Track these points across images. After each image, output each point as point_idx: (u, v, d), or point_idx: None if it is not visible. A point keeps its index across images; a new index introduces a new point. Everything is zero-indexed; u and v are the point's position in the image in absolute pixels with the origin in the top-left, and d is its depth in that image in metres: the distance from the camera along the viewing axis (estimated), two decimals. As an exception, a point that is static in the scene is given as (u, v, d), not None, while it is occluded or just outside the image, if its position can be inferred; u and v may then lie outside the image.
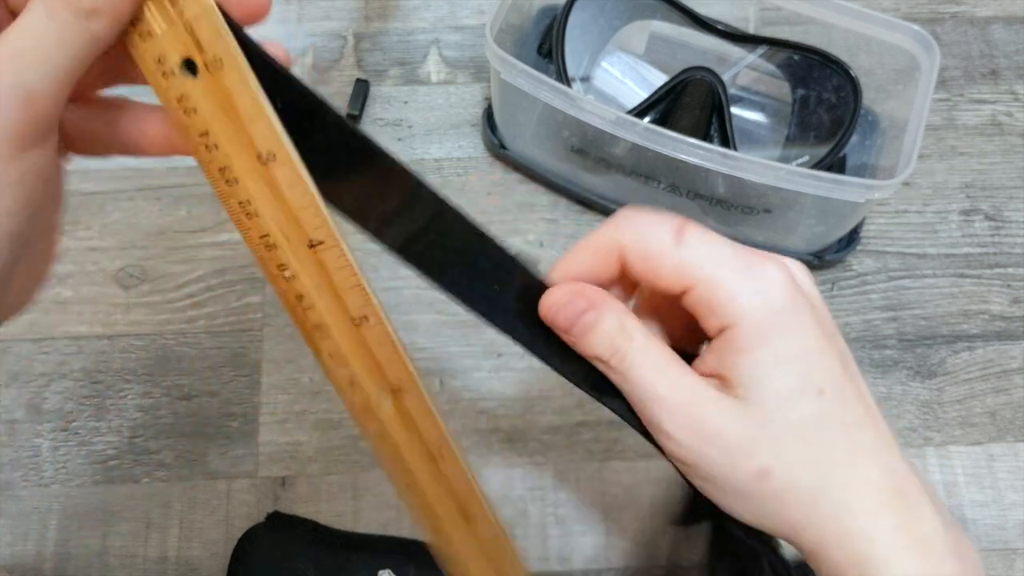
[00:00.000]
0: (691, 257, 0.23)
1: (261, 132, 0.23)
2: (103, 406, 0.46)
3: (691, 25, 0.49)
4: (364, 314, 0.26)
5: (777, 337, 0.23)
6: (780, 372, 0.23)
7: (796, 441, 0.23)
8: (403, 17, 0.56)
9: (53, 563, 0.43)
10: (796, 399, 0.23)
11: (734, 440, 0.23)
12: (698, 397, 0.23)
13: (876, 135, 0.49)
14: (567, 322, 0.25)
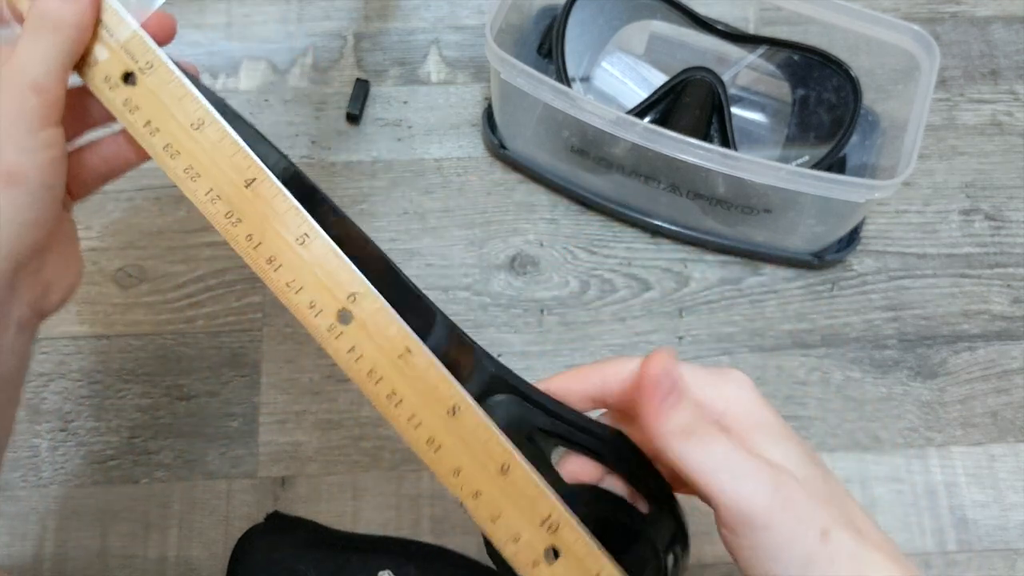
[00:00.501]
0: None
1: (189, 107, 0.29)
2: (102, 406, 0.46)
3: (691, 25, 0.49)
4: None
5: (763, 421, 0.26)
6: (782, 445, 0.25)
7: (829, 504, 0.25)
8: (403, 17, 0.56)
9: (52, 563, 0.43)
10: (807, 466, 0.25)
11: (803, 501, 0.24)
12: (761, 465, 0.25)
13: (876, 135, 0.49)
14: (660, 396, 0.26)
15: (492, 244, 0.50)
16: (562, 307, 0.48)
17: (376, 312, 0.28)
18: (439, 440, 0.28)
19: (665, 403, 0.26)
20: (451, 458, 0.27)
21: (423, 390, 0.28)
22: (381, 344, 0.28)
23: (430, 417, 0.28)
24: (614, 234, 0.50)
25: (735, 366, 0.46)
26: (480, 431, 0.27)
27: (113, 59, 0.29)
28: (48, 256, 0.29)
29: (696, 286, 0.49)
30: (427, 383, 0.28)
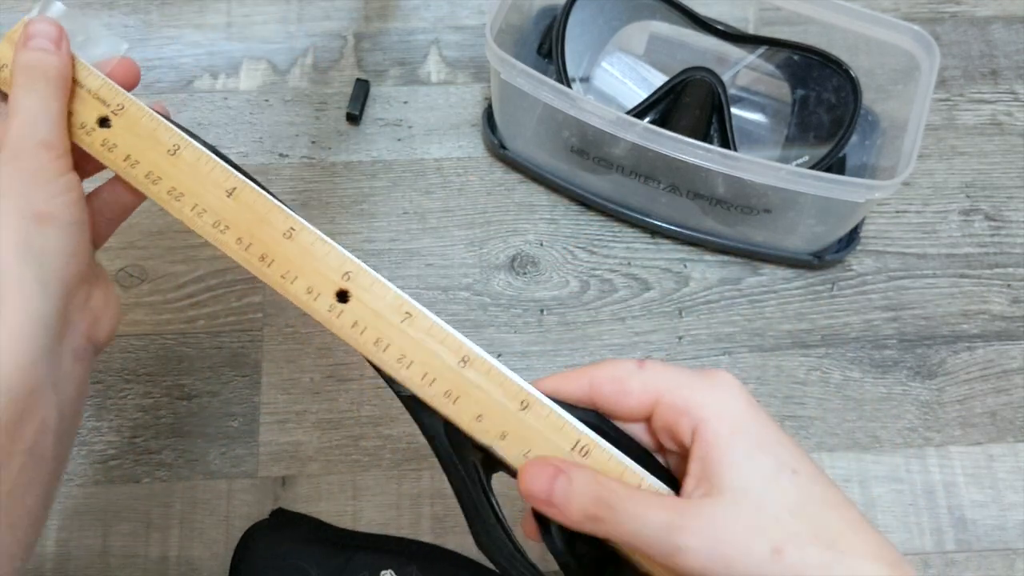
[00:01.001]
0: (654, 374, 0.27)
1: (163, 136, 0.31)
2: (104, 406, 0.46)
3: (691, 25, 0.49)
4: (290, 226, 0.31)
5: (745, 427, 0.25)
6: (757, 458, 0.25)
7: (793, 518, 0.24)
8: (403, 17, 0.56)
9: (54, 563, 0.43)
10: (777, 480, 0.24)
11: (740, 529, 0.24)
12: (695, 506, 0.25)
13: (876, 135, 0.49)
14: (544, 490, 0.26)
15: (492, 244, 0.50)
16: (562, 307, 0.48)
17: (371, 285, 0.29)
18: (456, 391, 0.28)
19: (555, 510, 0.26)
20: (471, 406, 0.28)
21: (431, 349, 0.29)
22: (382, 313, 0.29)
23: (443, 371, 0.28)
24: (614, 234, 0.50)
25: (735, 366, 0.47)
26: (493, 375, 0.28)
27: (86, 107, 0.31)
28: (92, 289, 0.31)
29: (696, 286, 0.49)
30: (434, 340, 0.29)
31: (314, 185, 0.51)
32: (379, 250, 0.49)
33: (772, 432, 0.26)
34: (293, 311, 0.48)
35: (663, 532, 0.24)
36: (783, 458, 0.25)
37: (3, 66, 0.32)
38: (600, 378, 0.28)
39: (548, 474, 0.26)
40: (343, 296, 0.30)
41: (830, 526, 0.24)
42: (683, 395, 0.26)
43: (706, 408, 0.26)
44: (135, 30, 0.55)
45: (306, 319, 0.48)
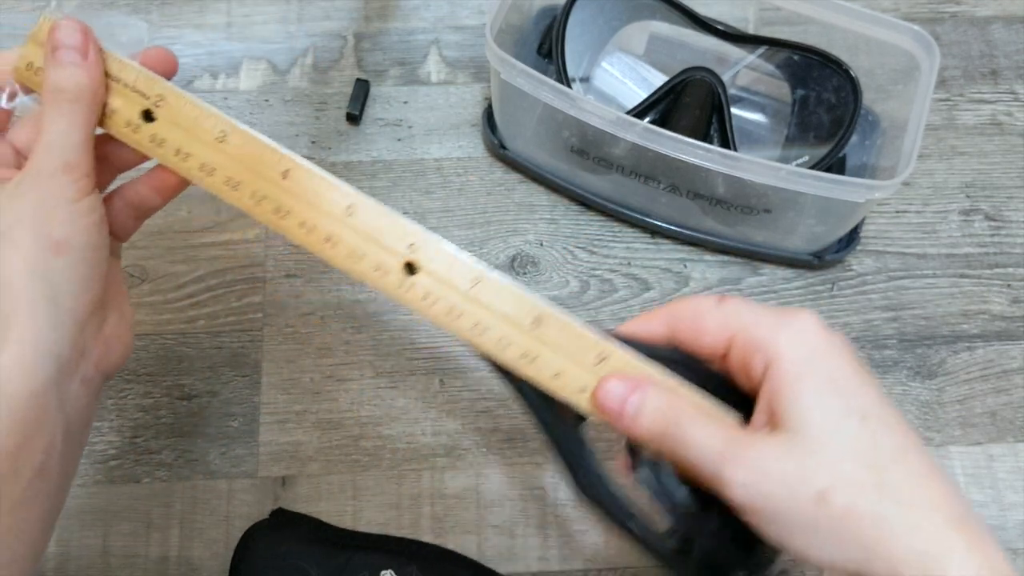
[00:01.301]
0: (732, 311, 0.27)
1: (208, 124, 0.30)
2: (104, 406, 0.46)
3: (691, 25, 0.49)
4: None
5: (817, 368, 0.25)
6: (824, 400, 0.24)
7: (850, 464, 0.24)
8: (403, 17, 0.56)
9: (54, 563, 0.43)
10: (843, 424, 0.24)
11: (790, 469, 0.24)
12: (750, 439, 0.25)
13: (876, 135, 0.49)
14: (618, 402, 0.27)
15: (492, 244, 0.50)
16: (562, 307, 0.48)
17: (438, 255, 0.29)
18: (532, 352, 0.29)
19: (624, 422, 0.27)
20: (547, 366, 0.29)
21: (503, 312, 0.29)
22: (451, 282, 0.29)
23: (517, 335, 0.29)
24: (614, 234, 0.50)
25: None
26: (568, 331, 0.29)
27: (128, 103, 0.30)
28: (107, 313, 0.31)
29: (696, 286, 0.49)
30: (505, 303, 0.29)
31: (314, 185, 0.51)
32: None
33: (849, 375, 0.25)
34: (293, 311, 0.48)
35: (714, 460, 0.24)
36: (855, 403, 0.24)
37: (30, 64, 0.31)
38: (679, 316, 0.28)
39: (626, 387, 0.27)
40: (411, 268, 0.30)
41: (891, 475, 0.23)
42: (759, 333, 0.26)
43: (780, 346, 0.25)
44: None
45: (306, 319, 0.48)
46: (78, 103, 0.29)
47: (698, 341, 0.27)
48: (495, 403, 0.46)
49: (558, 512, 0.44)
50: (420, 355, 0.47)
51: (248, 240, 0.49)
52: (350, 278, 0.30)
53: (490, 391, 0.46)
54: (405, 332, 0.48)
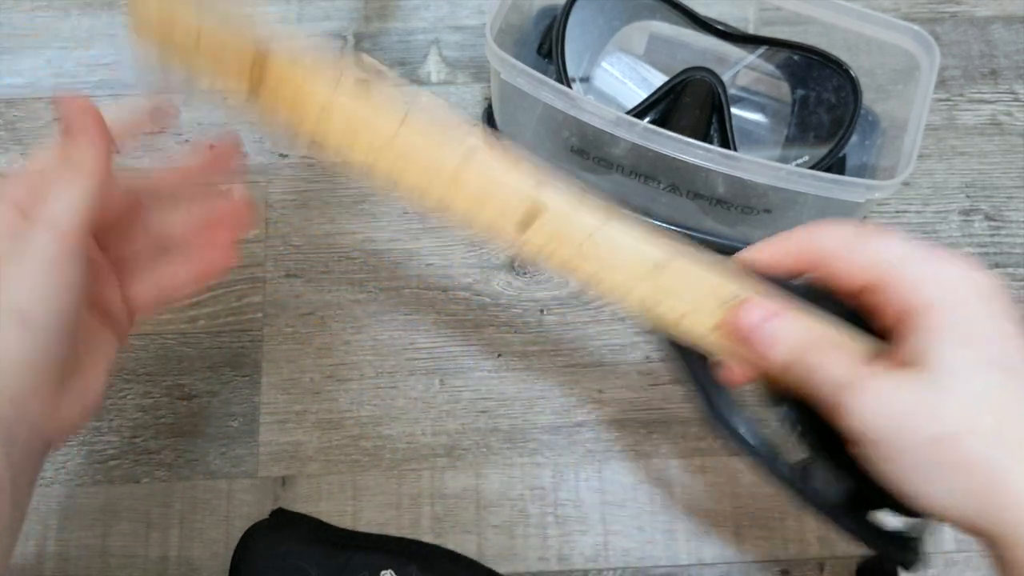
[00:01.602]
0: (881, 247, 0.26)
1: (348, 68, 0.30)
2: (103, 406, 0.46)
3: (691, 25, 0.49)
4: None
5: (969, 316, 0.24)
6: (968, 346, 0.23)
7: (979, 411, 0.23)
8: (403, 17, 0.56)
9: (53, 563, 0.43)
10: (978, 371, 0.23)
11: (918, 406, 0.23)
12: (879, 371, 0.24)
13: (876, 135, 0.49)
14: (758, 324, 0.27)
15: (492, 244, 0.50)
16: (562, 307, 0.48)
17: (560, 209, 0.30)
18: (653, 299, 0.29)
19: (760, 348, 0.26)
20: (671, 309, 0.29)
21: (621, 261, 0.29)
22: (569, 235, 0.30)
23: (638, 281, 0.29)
24: (614, 234, 0.50)
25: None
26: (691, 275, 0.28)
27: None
28: (67, 385, 0.29)
29: (696, 286, 0.49)
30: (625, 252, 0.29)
31: (314, 185, 0.51)
32: (379, 250, 0.49)
33: (999, 323, 0.24)
34: (293, 311, 0.48)
35: (839, 387, 0.24)
36: (998, 355, 0.24)
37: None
38: (817, 247, 0.27)
39: (762, 314, 0.26)
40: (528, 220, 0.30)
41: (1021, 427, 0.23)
42: (910, 273, 0.25)
43: (930, 290, 0.24)
44: (135, 30, 0.55)
45: (306, 319, 0.48)
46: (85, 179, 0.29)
47: (837, 276, 0.27)
48: (495, 403, 0.46)
49: (558, 512, 0.44)
50: (420, 355, 0.47)
51: (248, 240, 0.49)
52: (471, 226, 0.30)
53: (490, 391, 0.46)
54: (405, 332, 0.47)
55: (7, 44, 0.55)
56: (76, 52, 0.55)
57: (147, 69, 0.31)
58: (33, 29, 0.55)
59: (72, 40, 0.55)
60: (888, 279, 0.25)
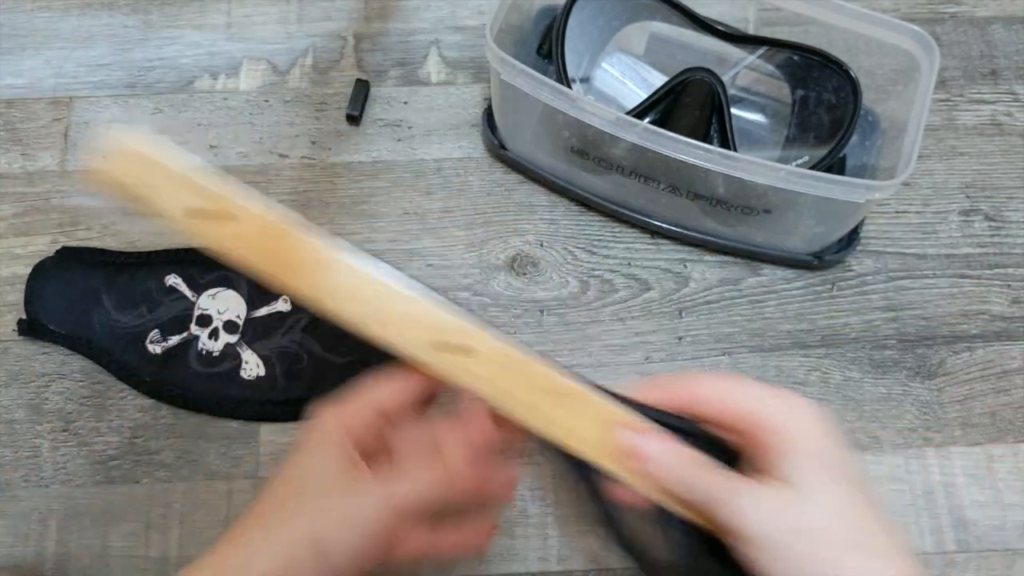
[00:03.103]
0: (741, 393, 0.31)
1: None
2: (103, 406, 0.46)
3: (691, 26, 0.49)
4: None
5: (817, 445, 0.30)
6: (825, 471, 0.29)
7: (852, 526, 0.28)
8: (403, 17, 0.56)
9: (53, 564, 0.43)
10: (841, 488, 0.29)
11: (789, 510, 0.28)
12: (756, 485, 0.29)
13: (876, 135, 0.49)
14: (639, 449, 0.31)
15: (492, 244, 0.50)
16: (562, 307, 0.48)
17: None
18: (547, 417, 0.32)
19: (646, 451, 0.31)
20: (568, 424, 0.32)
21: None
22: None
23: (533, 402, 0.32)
24: (614, 234, 0.50)
25: (735, 366, 0.47)
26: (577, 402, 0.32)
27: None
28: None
29: (696, 286, 0.49)
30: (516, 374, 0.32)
31: (314, 186, 0.51)
32: (379, 250, 0.49)
33: (839, 453, 0.30)
34: (293, 311, 0.48)
35: (719, 493, 0.29)
36: (844, 474, 0.29)
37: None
38: (698, 392, 0.32)
39: (647, 436, 0.31)
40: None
41: (878, 538, 0.28)
42: (766, 412, 0.30)
43: (786, 423, 0.30)
44: (135, 30, 0.55)
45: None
46: (451, 487, 0.32)
47: (701, 409, 0.32)
48: (495, 403, 0.46)
49: (558, 512, 0.44)
50: (420, 355, 0.47)
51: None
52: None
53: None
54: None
55: (7, 44, 0.55)
56: (76, 52, 0.55)
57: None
58: (33, 29, 0.55)
59: (72, 40, 0.55)
60: (746, 414, 0.30)
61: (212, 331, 0.45)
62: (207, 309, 0.45)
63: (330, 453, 0.31)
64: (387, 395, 0.33)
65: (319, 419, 0.32)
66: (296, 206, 0.51)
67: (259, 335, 0.45)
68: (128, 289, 0.46)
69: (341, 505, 0.30)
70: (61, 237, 0.49)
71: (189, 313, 0.45)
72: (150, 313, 0.45)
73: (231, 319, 0.45)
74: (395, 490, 0.31)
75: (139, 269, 0.47)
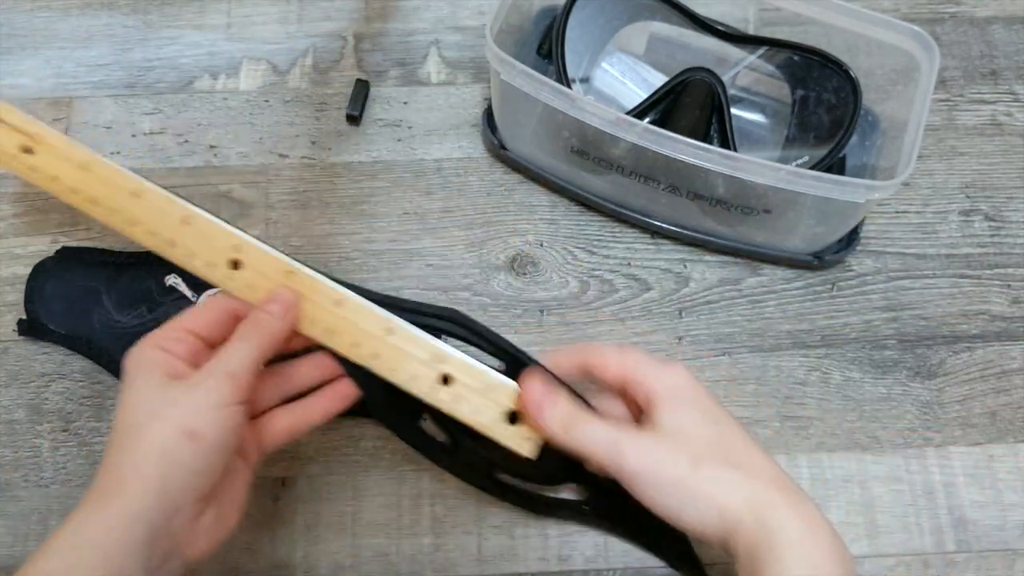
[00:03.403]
0: (630, 360, 0.37)
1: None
2: (103, 406, 0.46)
3: (691, 26, 0.49)
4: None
5: (684, 396, 0.36)
6: (689, 413, 0.36)
7: (710, 447, 0.34)
8: (403, 18, 0.56)
9: (53, 563, 0.43)
10: (700, 424, 0.35)
11: (670, 447, 0.34)
12: (638, 431, 0.36)
13: (876, 135, 0.49)
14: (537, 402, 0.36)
15: (492, 244, 0.50)
16: (562, 307, 0.48)
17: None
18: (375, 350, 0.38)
19: (542, 414, 0.36)
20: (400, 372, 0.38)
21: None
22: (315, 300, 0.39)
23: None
24: (614, 234, 0.50)
25: (735, 366, 0.47)
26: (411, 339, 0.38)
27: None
28: (208, 507, 0.34)
29: (696, 286, 0.49)
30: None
31: (314, 186, 0.51)
32: (379, 250, 0.49)
33: (704, 399, 0.36)
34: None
35: (613, 442, 0.34)
36: (709, 413, 0.36)
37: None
38: (590, 356, 0.38)
39: (543, 391, 0.36)
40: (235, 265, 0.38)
41: (736, 455, 0.34)
42: (647, 375, 0.36)
43: (660, 385, 0.36)
44: (135, 30, 0.55)
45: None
46: (264, 340, 0.36)
47: (601, 375, 0.38)
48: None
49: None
50: (420, 355, 0.47)
51: (248, 240, 0.49)
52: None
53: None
54: (405, 332, 0.47)
55: (7, 44, 0.55)
56: (76, 52, 0.55)
57: None
58: (33, 29, 0.55)
59: (72, 40, 0.55)
60: (635, 380, 0.37)
61: (212, 331, 0.45)
62: (207, 309, 0.45)
63: (155, 371, 0.34)
64: (197, 319, 0.37)
65: (138, 348, 0.35)
66: (296, 206, 0.51)
67: (259, 335, 0.45)
68: (128, 289, 0.46)
69: (188, 396, 0.33)
70: (61, 237, 0.49)
71: (189, 313, 0.45)
72: (150, 313, 0.45)
73: (231, 319, 0.45)
74: (223, 360, 0.35)
75: (139, 269, 0.46)
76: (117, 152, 0.52)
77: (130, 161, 0.52)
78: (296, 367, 0.39)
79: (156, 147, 0.52)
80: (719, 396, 0.39)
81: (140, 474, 0.32)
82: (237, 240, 0.38)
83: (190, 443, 0.32)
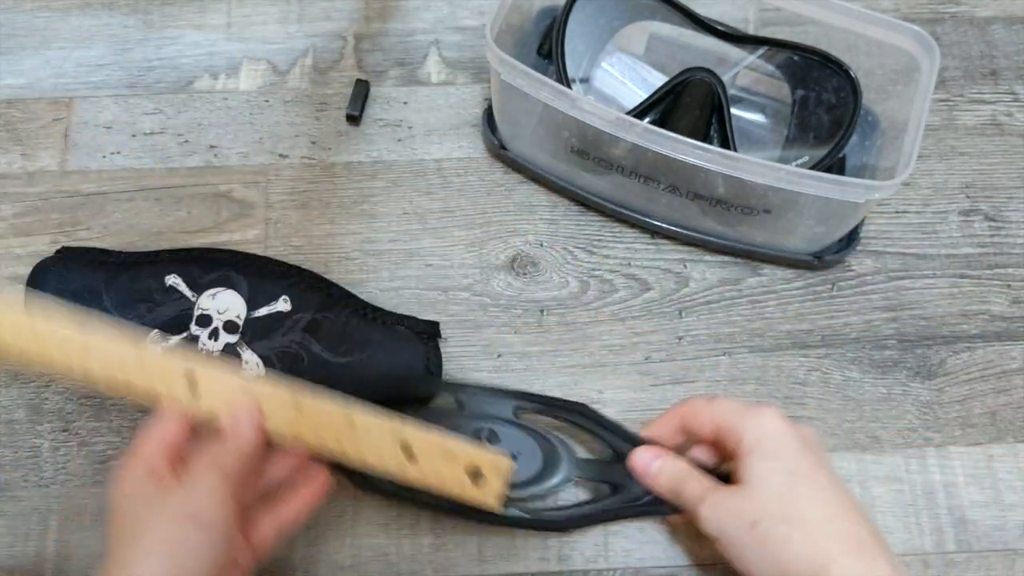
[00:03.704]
0: (717, 408, 0.39)
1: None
2: (103, 406, 0.46)
3: (691, 26, 0.49)
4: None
5: (765, 448, 0.37)
6: (766, 464, 0.36)
7: (773, 504, 0.35)
8: (403, 18, 0.56)
9: (53, 564, 0.43)
10: (774, 479, 0.36)
11: (737, 506, 0.36)
12: (718, 493, 0.37)
13: (876, 135, 0.49)
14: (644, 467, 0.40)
15: (492, 244, 0.50)
16: (562, 307, 0.48)
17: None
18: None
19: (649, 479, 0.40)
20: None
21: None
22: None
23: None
24: (614, 234, 0.50)
25: (734, 366, 0.47)
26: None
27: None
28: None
29: (696, 286, 0.49)
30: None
31: (314, 186, 0.51)
32: (379, 251, 0.50)
33: (792, 448, 0.36)
34: (293, 311, 0.48)
35: (695, 502, 0.37)
36: (788, 466, 0.36)
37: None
38: (685, 415, 0.40)
39: (652, 454, 0.40)
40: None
41: (801, 511, 0.35)
42: (734, 422, 0.38)
43: (746, 430, 0.37)
44: (135, 30, 0.55)
45: (306, 319, 0.47)
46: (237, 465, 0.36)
47: (699, 433, 0.40)
48: (495, 403, 0.46)
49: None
50: (420, 355, 0.47)
51: (248, 240, 0.49)
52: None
53: (490, 391, 0.46)
54: (405, 332, 0.47)
55: (7, 44, 0.55)
56: (76, 52, 0.55)
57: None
58: (33, 29, 0.55)
59: (72, 40, 0.55)
60: (723, 429, 0.38)
61: (212, 331, 0.45)
62: (207, 309, 0.45)
63: (145, 480, 0.35)
64: (167, 430, 0.37)
65: (125, 470, 0.36)
66: (296, 206, 0.51)
67: (259, 335, 0.45)
68: (128, 289, 0.46)
69: (184, 488, 0.35)
70: (61, 237, 0.49)
71: (189, 313, 0.45)
72: (150, 313, 0.45)
73: (231, 319, 0.45)
74: (214, 454, 0.36)
75: (139, 269, 0.46)
76: (117, 152, 0.52)
77: (130, 161, 0.52)
78: (268, 462, 0.39)
79: (156, 147, 0.52)
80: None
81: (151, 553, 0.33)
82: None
83: (195, 527, 0.34)
